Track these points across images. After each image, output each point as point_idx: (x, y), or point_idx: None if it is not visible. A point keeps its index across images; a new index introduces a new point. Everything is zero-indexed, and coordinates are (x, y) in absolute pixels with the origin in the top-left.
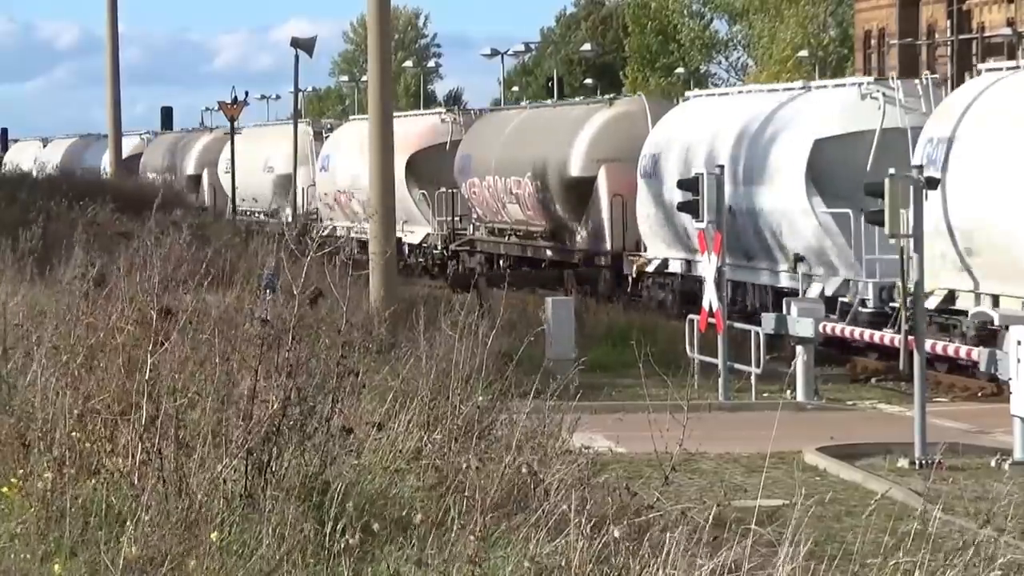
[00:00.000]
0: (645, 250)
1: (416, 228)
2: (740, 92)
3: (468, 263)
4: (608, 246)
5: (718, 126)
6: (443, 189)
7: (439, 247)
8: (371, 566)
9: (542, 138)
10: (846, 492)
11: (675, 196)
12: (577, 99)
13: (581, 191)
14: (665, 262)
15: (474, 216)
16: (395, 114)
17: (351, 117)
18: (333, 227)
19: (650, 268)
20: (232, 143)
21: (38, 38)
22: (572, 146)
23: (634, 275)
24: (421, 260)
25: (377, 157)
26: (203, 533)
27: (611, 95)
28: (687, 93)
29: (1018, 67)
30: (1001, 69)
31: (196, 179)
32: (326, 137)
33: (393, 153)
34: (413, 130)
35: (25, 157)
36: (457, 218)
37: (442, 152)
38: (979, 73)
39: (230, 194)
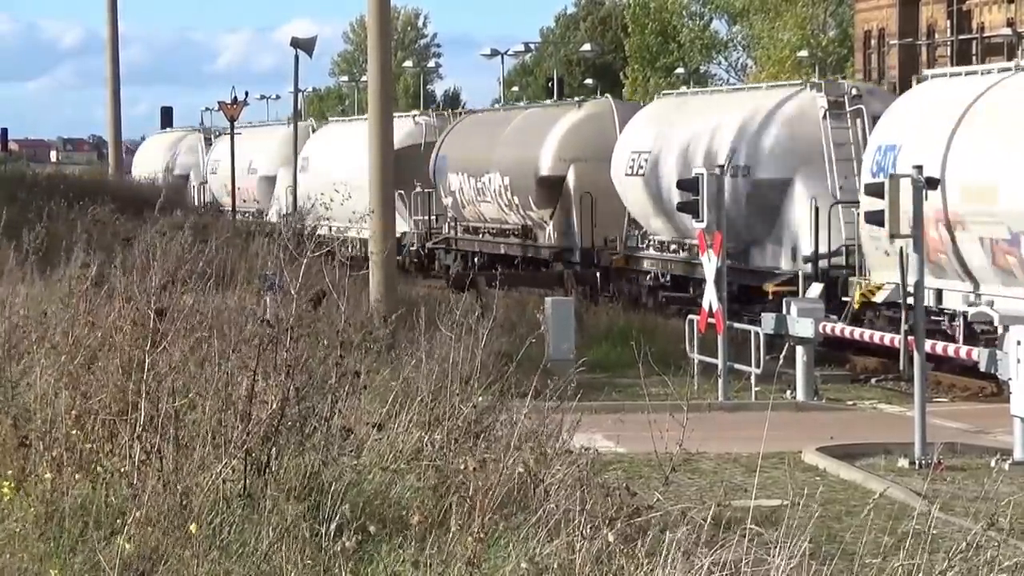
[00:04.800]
0: None
1: None
2: None
3: None
4: None
5: None
6: None
7: None
8: (369, 567)
9: None
10: (846, 492)
11: None
12: None
13: None
14: None
15: None
16: None
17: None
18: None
19: None
20: (232, 143)
21: (41, 38)
22: None
23: None
24: None
25: (377, 157)
26: (200, 532)
27: None
28: None
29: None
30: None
31: (559, 181)
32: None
33: (393, 153)
34: None
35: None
36: None
37: None
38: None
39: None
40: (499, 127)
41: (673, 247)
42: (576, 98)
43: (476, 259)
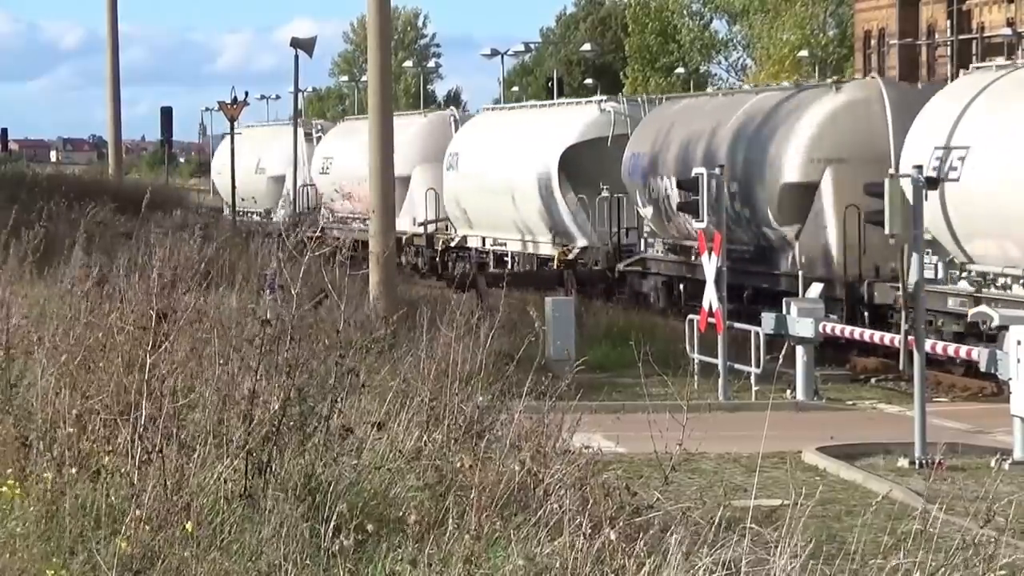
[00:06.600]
0: None
1: None
2: None
3: None
4: None
5: None
6: None
7: None
8: (368, 567)
9: None
10: (846, 492)
11: None
12: None
13: None
14: None
15: None
16: None
17: None
18: None
19: None
20: (232, 143)
21: (41, 38)
22: None
23: None
24: None
25: (377, 157)
26: (198, 531)
27: None
28: None
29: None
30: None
31: (810, 189)
32: None
33: (393, 152)
34: None
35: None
36: None
37: None
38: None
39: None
40: (720, 117)
41: (1003, 281)
42: (830, 79)
43: (684, 287)
